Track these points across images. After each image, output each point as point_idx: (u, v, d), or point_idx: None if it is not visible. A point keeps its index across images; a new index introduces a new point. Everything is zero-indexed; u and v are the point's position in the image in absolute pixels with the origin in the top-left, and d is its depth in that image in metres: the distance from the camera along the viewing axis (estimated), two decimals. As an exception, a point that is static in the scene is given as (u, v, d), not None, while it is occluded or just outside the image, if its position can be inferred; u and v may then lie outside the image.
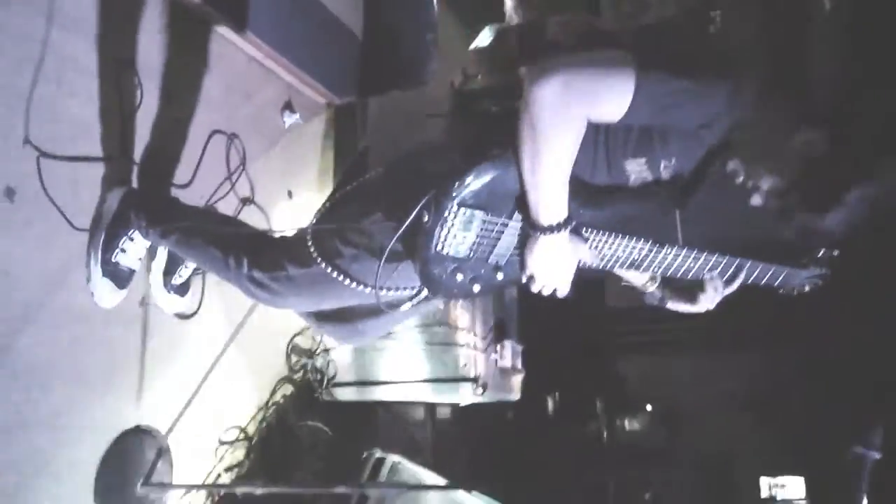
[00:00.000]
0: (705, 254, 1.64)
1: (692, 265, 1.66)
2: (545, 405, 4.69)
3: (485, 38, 3.91)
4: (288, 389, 3.07)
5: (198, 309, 2.48)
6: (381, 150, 3.28)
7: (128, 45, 2.25)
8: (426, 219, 1.46)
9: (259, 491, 2.08)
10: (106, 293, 2.07)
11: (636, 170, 1.50)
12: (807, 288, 1.89)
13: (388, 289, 1.67)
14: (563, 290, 1.58)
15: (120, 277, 2.09)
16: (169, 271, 2.27)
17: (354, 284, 1.66)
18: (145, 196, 2.12)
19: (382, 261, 1.53)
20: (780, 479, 5.22)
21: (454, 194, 1.43)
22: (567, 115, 1.28)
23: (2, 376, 1.81)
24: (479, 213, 1.47)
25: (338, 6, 3.24)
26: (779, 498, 5.21)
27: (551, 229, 1.42)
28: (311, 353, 3.16)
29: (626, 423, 5.09)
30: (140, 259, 2.13)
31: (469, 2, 3.68)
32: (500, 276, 1.61)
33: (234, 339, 2.68)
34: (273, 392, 2.96)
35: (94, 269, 2.04)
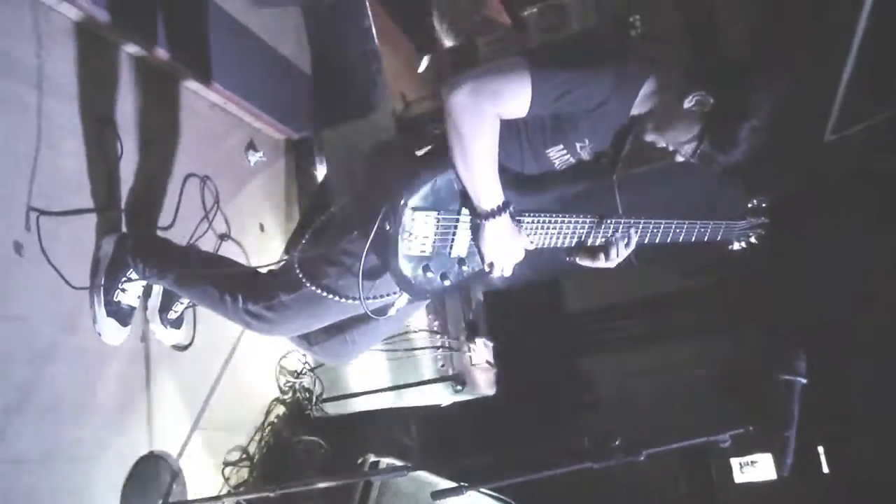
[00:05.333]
0: (643, 220, 1.88)
1: (633, 232, 1.88)
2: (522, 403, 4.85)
3: (424, 65, 4.18)
4: (280, 410, 3.25)
5: (192, 340, 2.67)
6: (339, 177, 3.53)
7: (106, 104, 2.45)
8: (388, 227, 1.68)
9: (273, 493, 2.24)
10: (111, 331, 2.26)
11: (557, 156, 1.78)
12: (752, 239, 2.13)
13: (373, 298, 1.87)
14: (512, 267, 1.82)
15: (122, 316, 2.27)
16: (165, 307, 2.46)
17: (342, 299, 1.85)
18: (137, 239, 2.30)
19: (361, 271, 1.74)
20: (750, 458, 5.42)
21: (404, 201, 1.66)
22: (480, 113, 1.55)
23: (29, 411, 1.98)
24: (432, 213, 1.71)
25: (286, 48, 3.50)
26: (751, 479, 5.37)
27: (493, 213, 1.67)
28: (297, 374, 3.35)
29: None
30: (139, 297, 2.32)
31: (408, 28, 3.96)
32: (465, 269, 1.85)
33: (228, 365, 2.87)
34: (267, 413, 3.15)
35: (98, 310, 2.22)
